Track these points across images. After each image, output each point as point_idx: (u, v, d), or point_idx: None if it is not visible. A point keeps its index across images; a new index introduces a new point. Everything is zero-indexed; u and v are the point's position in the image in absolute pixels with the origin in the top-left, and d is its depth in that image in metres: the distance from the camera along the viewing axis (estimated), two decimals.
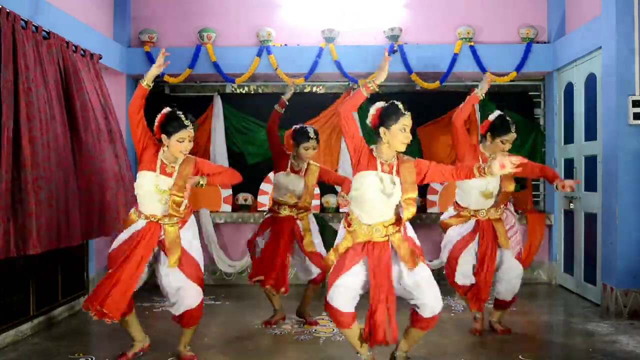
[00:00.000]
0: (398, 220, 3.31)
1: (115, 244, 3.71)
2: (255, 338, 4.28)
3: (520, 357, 3.80)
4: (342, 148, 6.30)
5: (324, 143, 6.32)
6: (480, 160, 4.10)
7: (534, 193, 6.48)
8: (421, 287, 3.31)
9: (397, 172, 3.28)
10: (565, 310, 5.17)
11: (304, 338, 4.27)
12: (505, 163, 3.07)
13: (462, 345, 4.09)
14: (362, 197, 3.27)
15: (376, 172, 3.25)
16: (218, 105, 6.36)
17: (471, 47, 6.17)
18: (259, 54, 6.18)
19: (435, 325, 3.41)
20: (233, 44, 6.34)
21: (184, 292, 3.61)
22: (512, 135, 4.13)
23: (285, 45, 6.29)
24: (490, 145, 4.18)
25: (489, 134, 4.16)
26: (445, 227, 4.42)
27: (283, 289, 4.43)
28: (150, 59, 6.20)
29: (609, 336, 4.27)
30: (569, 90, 5.92)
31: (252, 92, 6.64)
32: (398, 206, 3.31)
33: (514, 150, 6.26)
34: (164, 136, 3.57)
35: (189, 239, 3.68)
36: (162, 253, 3.63)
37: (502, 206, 4.26)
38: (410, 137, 3.30)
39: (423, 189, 6.30)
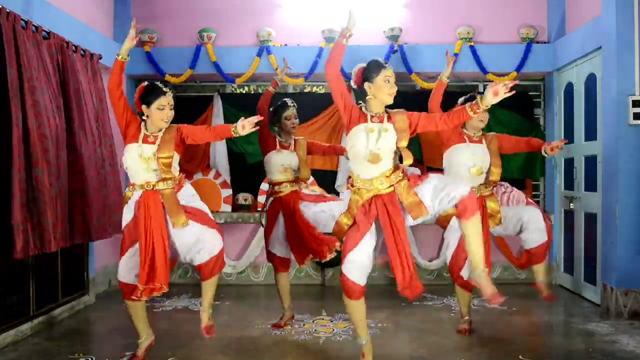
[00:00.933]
0: (397, 168, 3.35)
1: (123, 223, 3.65)
2: (255, 338, 4.28)
3: (520, 357, 3.80)
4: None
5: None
6: (467, 140, 4.19)
7: (534, 193, 6.48)
8: (443, 193, 3.29)
9: (390, 120, 3.37)
10: (565, 310, 5.17)
11: (304, 338, 4.27)
12: (497, 89, 3.09)
13: (462, 345, 4.09)
14: (357, 153, 3.31)
15: (366, 124, 3.33)
16: (218, 105, 6.36)
17: (471, 47, 6.17)
18: (259, 54, 6.18)
19: (474, 206, 3.26)
20: (233, 44, 6.34)
21: (203, 239, 3.54)
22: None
23: (285, 45, 6.29)
24: (469, 122, 4.17)
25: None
26: (443, 222, 4.29)
27: (308, 258, 4.42)
28: (150, 59, 6.21)
29: (609, 336, 4.27)
30: (569, 90, 5.92)
31: (252, 92, 6.64)
32: (396, 154, 3.37)
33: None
34: (144, 107, 3.56)
35: (189, 197, 3.64)
36: (168, 219, 3.56)
37: (493, 184, 4.24)
38: (395, 88, 3.37)
39: None
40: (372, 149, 3.28)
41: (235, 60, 6.21)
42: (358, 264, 3.32)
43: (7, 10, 3.84)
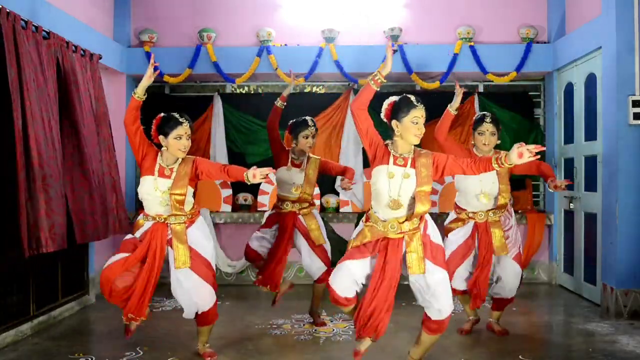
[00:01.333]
0: (412, 216, 3.23)
1: (128, 236, 3.74)
2: (255, 338, 4.27)
3: (520, 357, 3.80)
4: (342, 148, 6.30)
5: (324, 143, 6.32)
6: None
7: (534, 193, 6.49)
8: (433, 290, 3.24)
9: (413, 165, 3.24)
10: (565, 310, 5.17)
11: (304, 338, 4.27)
12: (522, 151, 3.02)
13: (462, 345, 4.09)
14: (376, 192, 3.26)
15: (387, 166, 3.24)
16: (218, 105, 6.36)
17: (471, 47, 6.17)
18: (259, 54, 6.18)
19: (444, 330, 3.34)
20: (233, 44, 6.34)
21: (195, 293, 3.63)
22: (487, 126, 4.16)
23: (285, 45, 6.29)
24: (476, 143, 4.23)
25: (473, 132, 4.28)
26: (447, 233, 4.39)
27: (269, 287, 4.45)
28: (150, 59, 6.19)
29: (609, 336, 4.27)
30: (569, 90, 5.92)
31: (252, 92, 6.64)
32: (415, 202, 3.23)
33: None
34: (161, 137, 3.59)
35: (199, 238, 3.68)
36: (172, 255, 3.63)
37: (501, 210, 4.22)
38: (423, 130, 3.26)
39: None
40: (392, 195, 3.21)
41: (235, 60, 6.21)
42: (346, 271, 3.27)
43: (7, 10, 3.84)
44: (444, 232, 4.40)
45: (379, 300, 3.22)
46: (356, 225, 6.17)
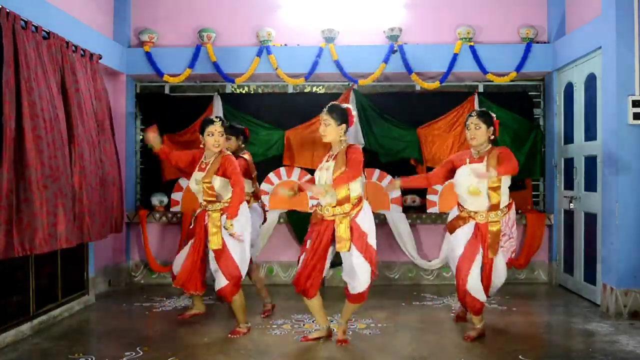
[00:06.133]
0: (340, 202, 3.92)
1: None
2: (255, 338, 4.28)
3: (520, 357, 3.80)
4: None
5: (324, 143, 6.28)
6: (468, 161, 4.26)
7: (533, 193, 6.48)
8: (354, 270, 3.91)
9: (334, 158, 3.98)
10: (565, 310, 5.17)
11: None
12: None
13: (462, 345, 4.08)
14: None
15: (324, 164, 4.05)
16: (218, 105, 6.36)
17: (471, 47, 6.17)
18: (259, 54, 6.18)
19: (362, 300, 4.02)
20: (233, 44, 6.34)
21: (217, 275, 4.27)
22: (471, 120, 4.22)
23: (285, 45, 6.29)
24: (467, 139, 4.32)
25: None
26: (451, 230, 4.36)
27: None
28: (150, 59, 6.20)
29: (609, 336, 4.27)
30: (569, 90, 5.92)
31: (252, 92, 6.64)
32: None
33: (514, 151, 6.26)
34: (201, 136, 4.38)
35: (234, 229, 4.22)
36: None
37: (501, 210, 4.18)
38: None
39: (423, 190, 6.30)
40: (327, 182, 3.98)
41: (235, 60, 6.21)
42: (302, 265, 4.07)
43: (7, 10, 3.84)
44: (448, 229, 4.43)
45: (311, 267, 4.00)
46: None
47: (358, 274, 3.92)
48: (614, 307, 4.82)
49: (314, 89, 6.66)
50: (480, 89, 6.48)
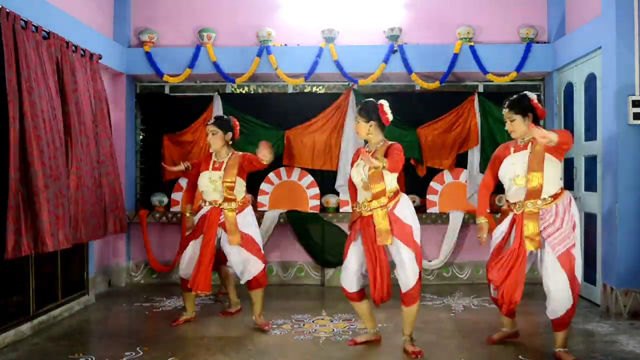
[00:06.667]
0: (376, 196, 3.80)
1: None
2: (255, 338, 4.28)
3: (520, 357, 3.80)
4: (342, 148, 6.29)
5: (324, 143, 6.32)
6: (512, 150, 3.85)
7: None
8: (404, 264, 3.78)
9: (372, 155, 3.78)
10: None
11: (304, 338, 4.27)
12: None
13: (462, 345, 4.09)
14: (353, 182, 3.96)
15: (357, 161, 3.91)
16: (218, 105, 6.36)
17: (471, 47, 6.17)
18: (259, 54, 6.18)
19: (415, 301, 3.83)
20: (233, 44, 6.34)
21: (247, 264, 4.38)
22: (505, 113, 3.87)
23: (285, 45, 6.29)
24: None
25: None
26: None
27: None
28: (150, 59, 6.21)
29: (609, 336, 4.26)
30: (569, 90, 5.92)
31: (252, 92, 6.64)
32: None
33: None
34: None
35: (247, 223, 4.45)
36: (224, 234, 4.41)
37: (543, 199, 3.67)
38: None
39: (423, 190, 6.30)
40: (363, 179, 3.85)
41: (235, 60, 6.21)
42: (346, 271, 3.97)
43: (7, 10, 3.84)
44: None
45: (371, 268, 3.83)
46: None
47: (407, 268, 3.74)
48: (614, 307, 4.82)
49: (314, 89, 6.66)
50: (480, 89, 6.48)
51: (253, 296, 4.47)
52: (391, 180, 3.83)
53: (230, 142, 4.59)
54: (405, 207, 3.84)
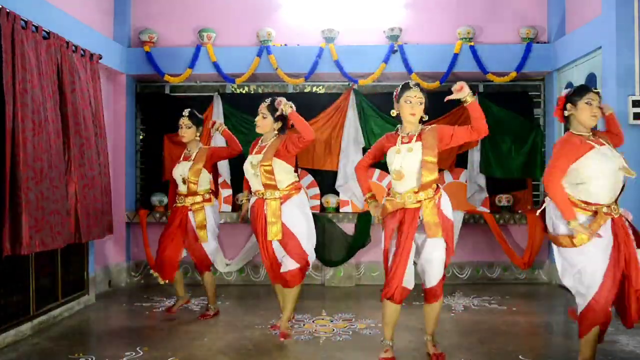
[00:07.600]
0: (423, 187, 3.55)
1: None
2: (255, 338, 4.27)
3: (520, 357, 3.80)
4: (342, 148, 6.28)
5: (324, 143, 6.32)
6: (596, 145, 3.51)
7: (533, 193, 6.48)
8: (431, 261, 3.60)
9: (419, 139, 3.60)
10: (565, 310, 5.16)
11: (304, 338, 4.27)
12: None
13: (462, 345, 4.09)
14: (391, 171, 3.66)
15: (395, 146, 3.64)
16: (218, 105, 6.36)
17: (471, 47, 6.17)
18: (259, 54, 6.18)
19: (439, 298, 3.68)
20: (233, 44, 6.34)
21: (285, 260, 4.17)
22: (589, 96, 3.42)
23: (285, 45, 6.29)
24: (577, 115, 3.44)
25: (568, 106, 3.47)
26: (564, 244, 3.54)
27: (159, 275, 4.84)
28: (150, 59, 6.21)
29: (609, 336, 4.25)
30: None
31: (252, 92, 6.64)
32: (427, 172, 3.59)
33: (514, 151, 6.32)
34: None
35: (293, 214, 4.14)
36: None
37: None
38: (415, 109, 3.60)
39: None
40: (396, 167, 3.58)
41: (235, 60, 6.21)
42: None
43: (7, 10, 3.84)
44: (559, 243, 3.61)
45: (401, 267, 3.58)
46: (356, 226, 6.20)
47: (439, 264, 3.59)
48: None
49: (314, 89, 6.66)
50: (481, 89, 6.48)
51: (286, 296, 4.25)
52: (435, 172, 3.59)
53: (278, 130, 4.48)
54: (447, 202, 3.67)
